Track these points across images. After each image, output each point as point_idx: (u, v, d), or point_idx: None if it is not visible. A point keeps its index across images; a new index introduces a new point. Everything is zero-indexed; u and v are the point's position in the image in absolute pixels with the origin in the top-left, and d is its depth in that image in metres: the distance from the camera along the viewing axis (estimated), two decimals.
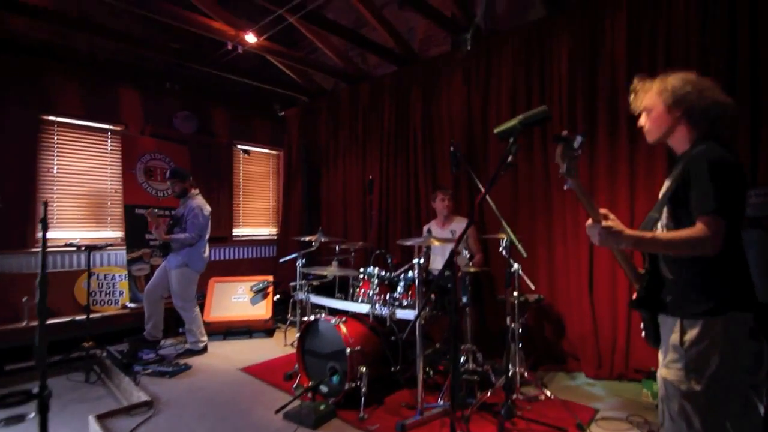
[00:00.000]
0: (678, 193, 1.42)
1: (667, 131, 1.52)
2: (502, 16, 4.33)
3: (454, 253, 1.71)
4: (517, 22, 4.11)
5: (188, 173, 4.17)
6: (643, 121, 1.59)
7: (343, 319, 2.96)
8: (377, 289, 2.94)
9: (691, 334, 1.37)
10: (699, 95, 1.45)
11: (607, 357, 3.43)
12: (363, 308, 2.96)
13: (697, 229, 1.30)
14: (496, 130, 1.69)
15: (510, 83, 3.98)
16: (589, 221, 1.40)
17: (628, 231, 1.36)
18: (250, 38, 4.09)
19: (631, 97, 1.62)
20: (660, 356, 1.51)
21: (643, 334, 1.63)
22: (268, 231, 6.57)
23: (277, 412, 2.49)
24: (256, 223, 6.45)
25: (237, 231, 6.15)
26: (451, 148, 2.93)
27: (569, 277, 3.64)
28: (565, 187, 1.38)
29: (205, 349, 4.13)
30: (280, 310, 5.07)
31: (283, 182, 6.44)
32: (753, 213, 2.44)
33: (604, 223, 1.37)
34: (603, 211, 1.43)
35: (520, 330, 3.06)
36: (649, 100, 1.54)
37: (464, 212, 4.15)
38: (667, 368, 1.43)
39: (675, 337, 1.40)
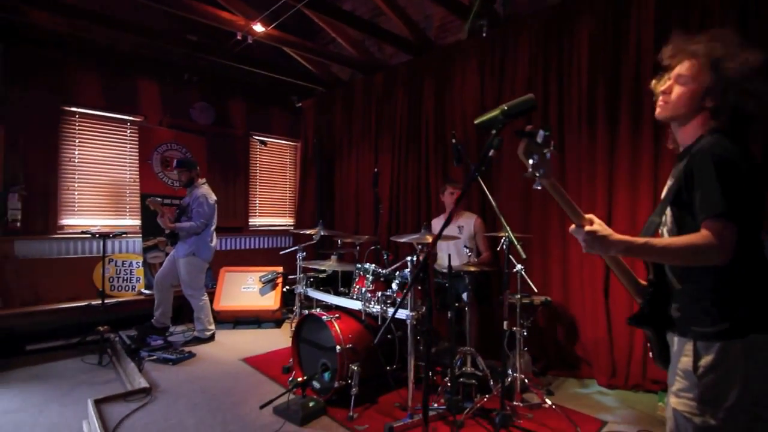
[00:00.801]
0: (681, 194, 1.23)
1: (690, 114, 1.27)
2: (521, 1, 4.08)
3: (429, 255, 1.59)
4: (536, 7, 3.86)
5: (195, 163, 4.21)
6: (670, 87, 1.31)
7: (337, 315, 2.89)
8: (371, 285, 2.85)
9: (707, 359, 1.17)
10: (747, 83, 1.19)
11: (622, 365, 3.21)
12: (356, 305, 2.88)
13: (701, 235, 1.12)
14: (476, 121, 1.53)
15: (526, 72, 3.76)
16: (573, 226, 1.23)
17: (617, 236, 1.19)
18: (258, 28, 4.05)
19: (668, 49, 1.35)
20: (669, 380, 1.31)
21: (651, 354, 1.43)
22: (286, 222, 6.60)
23: (262, 407, 2.46)
24: (273, 214, 6.50)
25: (254, 221, 6.21)
26: (453, 141, 2.77)
27: (583, 279, 3.42)
28: (534, 187, 1.21)
29: (212, 338, 4.18)
30: (289, 301, 5.08)
31: (299, 173, 6.44)
32: None
33: (587, 227, 1.20)
34: (588, 216, 1.24)
35: (525, 333, 2.89)
36: (691, 67, 1.26)
37: (475, 208, 3.98)
38: (677, 397, 1.24)
39: (687, 362, 1.21)
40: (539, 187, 1.19)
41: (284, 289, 4.93)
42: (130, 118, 5.01)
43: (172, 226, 3.94)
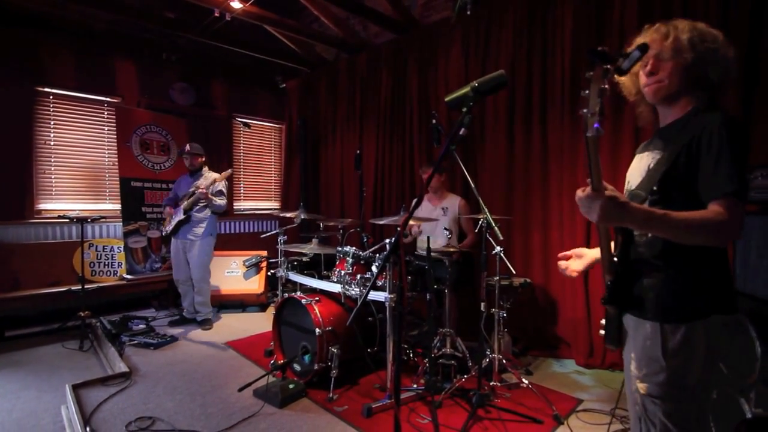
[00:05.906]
0: (676, 169, 1.17)
1: (683, 90, 1.23)
2: None
3: (400, 235, 1.57)
4: None
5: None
6: (655, 66, 1.24)
7: (317, 298, 2.88)
8: (351, 268, 2.83)
9: (674, 342, 1.17)
10: (723, 54, 1.20)
11: (599, 345, 3.26)
12: (337, 288, 2.87)
13: (715, 212, 1.07)
14: (446, 99, 1.51)
15: (510, 50, 3.70)
16: (586, 190, 1.09)
17: (635, 204, 1.09)
18: (236, 4, 3.92)
19: (649, 32, 1.28)
20: (632, 366, 1.27)
21: (602, 332, 1.38)
22: (272, 205, 6.53)
23: (241, 389, 2.46)
24: (259, 197, 6.42)
25: (239, 205, 6.14)
26: (433, 121, 2.73)
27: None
28: (587, 134, 1.04)
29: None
30: (274, 285, 5.06)
31: (284, 156, 6.35)
32: (760, 196, 2.16)
33: (607, 192, 1.08)
34: (605, 183, 1.12)
35: (504, 315, 2.91)
36: (673, 44, 1.21)
37: (458, 189, 3.96)
38: (643, 382, 1.22)
39: (654, 346, 1.20)
40: (596, 134, 1.02)
41: (268, 273, 4.91)
42: (107, 99, 4.86)
43: (210, 197, 3.93)
